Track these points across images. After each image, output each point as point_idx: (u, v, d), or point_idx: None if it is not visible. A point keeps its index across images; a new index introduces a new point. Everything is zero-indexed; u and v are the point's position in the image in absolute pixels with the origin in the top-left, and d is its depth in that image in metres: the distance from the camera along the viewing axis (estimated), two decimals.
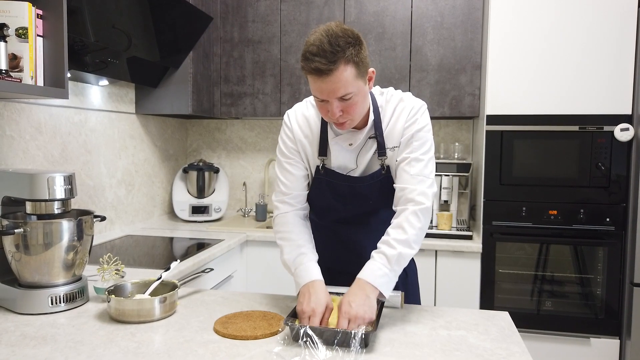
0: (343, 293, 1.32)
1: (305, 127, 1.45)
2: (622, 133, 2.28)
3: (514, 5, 2.36)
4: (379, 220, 1.47)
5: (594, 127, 2.32)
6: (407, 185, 1.34)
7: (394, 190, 1.41)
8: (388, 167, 1.41)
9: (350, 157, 1.42)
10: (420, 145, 1.37)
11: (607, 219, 2.34)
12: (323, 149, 1.42)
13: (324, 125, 1.42)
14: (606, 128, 2.31)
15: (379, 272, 1.26)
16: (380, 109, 1.41)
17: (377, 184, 1.42)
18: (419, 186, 1.34)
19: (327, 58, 1.17)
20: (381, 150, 1.39)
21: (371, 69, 1.30)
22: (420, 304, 1.61)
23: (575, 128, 2.34)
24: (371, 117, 1.39)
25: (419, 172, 1.35)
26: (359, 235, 1.48)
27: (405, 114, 1.39)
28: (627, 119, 2.29)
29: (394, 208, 1.39)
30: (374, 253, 1.31)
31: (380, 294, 1.26)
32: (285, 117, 1.50)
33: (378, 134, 1.39)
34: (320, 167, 1.43)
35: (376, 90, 1.45)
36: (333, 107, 1.25)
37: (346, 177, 1.42)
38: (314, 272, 1.33)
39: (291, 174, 1.45)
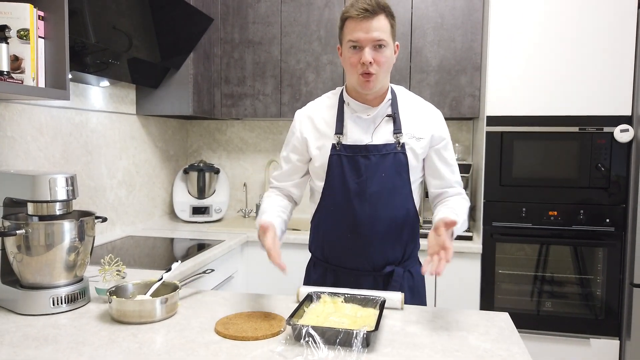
0: (342, 294, 1.35)
1: (317, 117, 1.56)
2: (622, 134, 2.28)
3: (513, 7, 2.37)
4: (389, 213, 1.50)
5: (593, 128, 2.32)
6: (457, 191, 1.58)
7: (406, 170, 1.50)
8: (403, 144, 1.49)
9: (366, 133, 1.50)
10: (451, 151, 1.58)
11: (607, 220, 2.34)
12: (340, 126, 1.51)
13: (340, 106, 1.53)
14: (606, 129, 2.31)
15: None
16: (396, 94, 1.54)
17: (390, 158, 1.48)
18: (461, 188, 1.60)
19: (373, 5, 1.38)
20: (397, 127, 1.50)
21: (397, 43, 1.48)
22: (426, 305, 1.63)
23: (575, 129, 2.34)
24: (388, 95, 1.52)
25: (459, 179, 1.59)
26: (368, 221, 1.50)
27: (430, 114, 1.56)
28: (626, 120, 2.29)
29: (435, 203, 1.60)
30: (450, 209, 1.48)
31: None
32: (295, 114, 1.63)
33: (395, 113, 1.50)
34: (336, 144, 1.50)
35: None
36: (366, 53, 1.39)
37: (361, 147, 1.49)
38: (269, 217, 1.48)
39: (288, 163, 1.62)
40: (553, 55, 2.34)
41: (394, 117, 1.50)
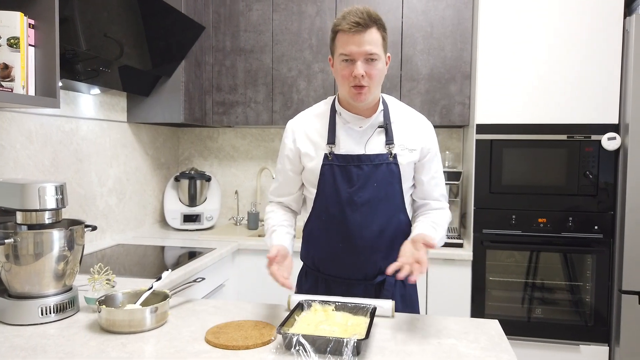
0: (333, 302, 1.35)
1: (308, 127, 1.56)
2: (609, 142, 2.31)
3: (502, 16, 2.40)
4: (381, 223, 1.50)
5: (581, 136, 2.35)
6: (441, 205, 1.59)
7: (398, 180, 1.50)
8: (395, 155, 1.49)
9: (358, 144, 1.51)
10: (438, 163, 1.59)
11: (596, 227, 2.36)
12: (332, 137, 1.51)
13: (332, 115, 1.53)
14: (594, 137, 2.34)
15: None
16: (388, 105, 1.55)
17: (383, 169, 1.49)
18: (445, 202, 1.61)
19: (364, 18, 1.38)
20: (389, 138, 1.50)
21: (388, 54, 1.48)
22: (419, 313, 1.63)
23: (564, 137, 2.37)
24: (380, 106, 1.52)
25: (444, 191, 1.60)
26: (359, 230, 1.50)
27: (422, 125, 1.56)
28: (614, 128, 2.32)
29: (416, 213, 1.60)
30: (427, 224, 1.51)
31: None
32: (287, 124, 1.62)
33: (387, 123, 1.51)
34: (328, 154, 1.50)
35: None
36: (358, 66, 1.39)
37: (353, 157, 1.50)
38: (278, 239, 1.51)
39: (282, 175, 1.62)
40: (542, 64, 2.38)
41: (386, 128, 1.50)
